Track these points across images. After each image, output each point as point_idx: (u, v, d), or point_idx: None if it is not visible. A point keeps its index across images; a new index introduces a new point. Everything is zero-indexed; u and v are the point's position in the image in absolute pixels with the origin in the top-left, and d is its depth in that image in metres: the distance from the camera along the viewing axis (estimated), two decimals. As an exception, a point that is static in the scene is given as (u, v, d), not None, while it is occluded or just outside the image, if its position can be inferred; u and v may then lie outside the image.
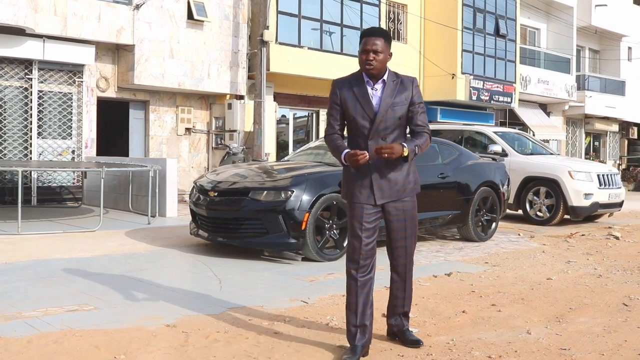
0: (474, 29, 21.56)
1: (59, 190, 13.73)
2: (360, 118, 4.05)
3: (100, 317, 4.84)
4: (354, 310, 4.08)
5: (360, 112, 4.05)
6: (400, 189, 4.14)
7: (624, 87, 29.79)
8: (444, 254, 8.37)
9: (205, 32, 15.38)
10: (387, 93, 4.05)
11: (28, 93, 13.20)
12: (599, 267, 7.63)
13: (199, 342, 4.27)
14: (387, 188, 4.10)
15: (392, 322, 4.41)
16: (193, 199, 8.18)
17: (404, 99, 4.08)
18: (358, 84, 4.09)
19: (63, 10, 12.89)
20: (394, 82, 4.09)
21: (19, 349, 4.04)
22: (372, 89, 4.07)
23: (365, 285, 4.09)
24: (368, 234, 4.07)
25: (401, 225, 4.19)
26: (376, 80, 4.07)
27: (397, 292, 4.34)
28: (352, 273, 4.09)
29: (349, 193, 4.16)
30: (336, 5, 17.69)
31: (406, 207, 4.20)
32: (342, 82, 4.16)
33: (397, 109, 4.06)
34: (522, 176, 12.37)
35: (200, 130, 16.31)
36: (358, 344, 4.04)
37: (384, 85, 4.07)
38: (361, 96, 4.05)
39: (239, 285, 6.11)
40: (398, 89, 4.08)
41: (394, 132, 4.09)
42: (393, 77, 4.11)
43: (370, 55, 3.99)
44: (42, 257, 7.28)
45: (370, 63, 4.00)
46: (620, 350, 4.35)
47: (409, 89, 4.11)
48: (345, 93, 4.10)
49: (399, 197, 4.15)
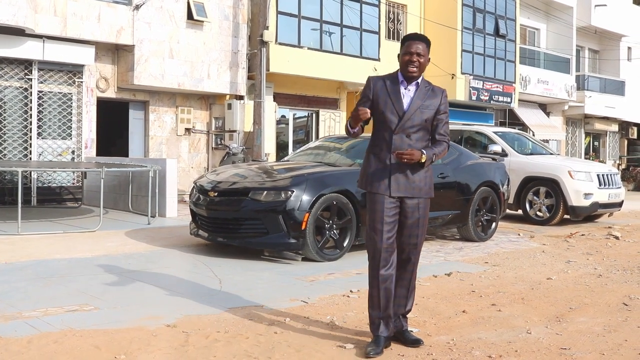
0: (473, 29, 21.57)
1: (58, 191, 13.73)
2: (389, 113, 4.23)
3: (100, 317, 4.84)
4: (376, 304, 4.22)
5: (390, 108, 4.23)
6: (416, 187, 4.26)
7: (623, 87, 29.80)
8: (443, 254, 8.37)
9: (205, 33, 15.37)
10: (419, 95, 4.26)
11: (28, 93, 13.20)
12: (599, 266, 7.63)
13: (199, 342, 4.27)
14: (404, 183, 4.23)
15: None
16: (193, 199, 8.18)
17: (433, 105, 4.29)
18: (392, 82, 4.30)
19: (63, 10, 12.89)
20: (427, 88, 4.32)
21: (19, 349, 4.04)
22: (405, 89, 4.27)
23: (386, 280, 4.23)
24: (389, 227, 4.20)
25: (415, 223, 4.28)
26: (410, 82, 4.28)
27: (401, 291, 4.39)
28: (374, 267, 4.21)
29: (367, 182, 4.31)
30: (336, 6, 17.69)
31: (421, 206, 4.30)
32: (377, 79, 4.37)
33: (425, 111, 4.26)
34: (522, 176, 12.37)
35: (200, 131, 16.31)
36: (382, 334, 4.18)
37: (417, 88, 4.28)
38: (393, 93, 4.25)
39: (239, 285, 6.11)
40: (429, 94, 4.30)
41: (419, 132, 4.26)
42: (426, 84, 4.34)
43: (414, 57, 4.21)
44: (42, 257, 7.28)
45: (414, 64, 4.21)
46: (621, 349, 4.35)
47: (438, 97, 4.33)
48: (379, 88, 4.30)
49: (414, 194, 4.25)
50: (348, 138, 9.58)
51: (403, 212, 4.27)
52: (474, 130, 13.89)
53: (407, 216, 4.27)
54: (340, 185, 7.54)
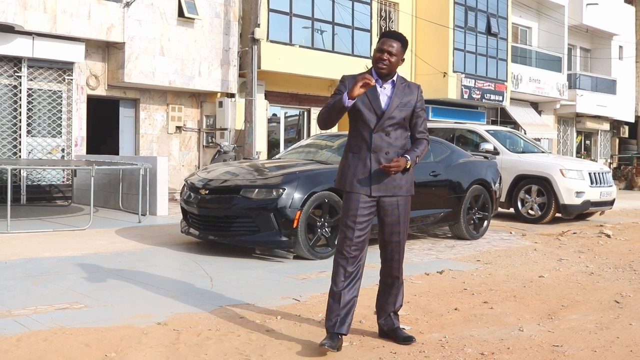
0: (465, 28, 21.59)
1: (48, 189, 13.66)
2: (368, 112, 4.16)
3: (90, 316, 4.80)
4: (337, 300, 4.11)
5: (368, 107, 4.17)
6: (397, 185, 4.21)
7: (615, 85, 29.91)
8: (435, 252, 8.37)
9: (196, 30, 15.32)
10: (397, 94, 4.21)
11: (17, 91, 13.12)
12: (590, 264, 7.64)
13: (190, 340, 4.24)
14: (385, 182, 4.17)
15: (381, 321, 4.41)
16: (184, 197, 8.14)
17: (410, 102, 4.25)
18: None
19: (52, 7, 12.81)
20: (403, 84, 4.26)
21: (9, 348, 4.00)
22: (381, 88, 4.21)
23: (351, 277, 4.13)
24: (361, 226, 4.14)
25: (395, 220, 4.24)
26: (385, 80, 4.21)
27: (390, 289, 4.36)
28: (341, 262, 4.14)
29: (346, 182, 4.25)
30: (327, 3, 17.67)
31: (400, 203, 4.25)
32: (352, 78, 4.23)
33: (403, 109, 4.21)
34: (513, 174, 12.39)
35: (191, 129, 16.26)
36: (337, 331, 4.08)
37: (393, 86, 4.22)
38: (370, 92, 4.15)
39: (231, 283, 6.08)
40: (405, 91, 4.25)
41: (397, 130, 4.22)
42: (402, 81, 4.28)
43: (385, 55, 4.14)
44: (31, 255, 7.23)
45: (383, 62, 4.14)
46: (613, 346, 4.35)
47: (414, 94, 4.28)
48: None
49: (395, 193, 4.21)
50: (340, 136, 9.57)
51: (382, 210, 4.24)
52: (466, 128, 13.90)
53: (387, 214, 4.23)
54: (331, 183, 7.46)
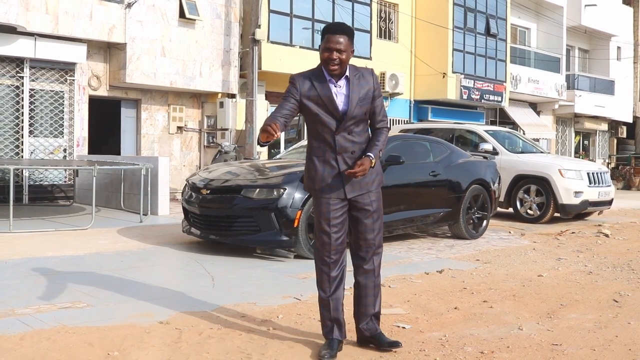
0: (464, 28, 21.63)
1: (50, 189, 13.70)
2: (327, 116, 3.96)
3: (93, 315, 4.84)
4: (328, 306, 4.08)
5: (326, 111, 3.96)
6: (369, 181, 4.06)
7: (613, 86, 29.95)
8: (435, 252, 8.41)
9: (197, 31, 15.36)
10: (353, 89, 3.97)
11: (19, 91, 13.16)
12: (589, 264, 7.68)
13: (192, 339, 4.28)
14: (357, 181, 4.02)
15: (363, 326, 4.18)
16: (185, 196, 8.18)
17: (368, 94, 4.02)
18: (320, 83, 3.97)
19: (54, 8, 12.85)
20: (356, 76, 4.00)
21: (12, 346, 4.04)
22: (336, 86, 3.98)
23: (336, 281, 4.08)
24: (337, 228, 4.02)
25: (370, 217, 4.07)
26: (339, 77, 3.98)
27: (367, 290, 4.15)
28: (323, 269, 4.08)
29: (316, 187, 4.06)
30: (328, 5, 17.71)
31: (373, 199, 4.09)
32: (303, 79, 4.01)
33: (363, 104, 4.00)
34: (512, 174, 12.43)
35: (192, 129, 16.30)
36: (335, 337, 4.07)
37: (348, 82, 3.98)
38: (325, 97, 3.94)
39: (232, 282, 6.12)
40: (361, 83, 4.00)
41: (359, 125, 4.04)
42: (354, 72, 4.02)
43: (334, 55, 3.88)
44: (34, 255, 7.26)
45: (334, 63, 3.90)
46: (611, 345, 4.39)
47: (370, 82, 4.04)
48: (306, 89, 3.98)
49: (368, 189, 4.06)
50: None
51: (355, 209, 4.07)
52: (465, 129, 13.94)
53: (361, 212, 4.07)
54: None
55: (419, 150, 9.23)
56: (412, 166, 8.72)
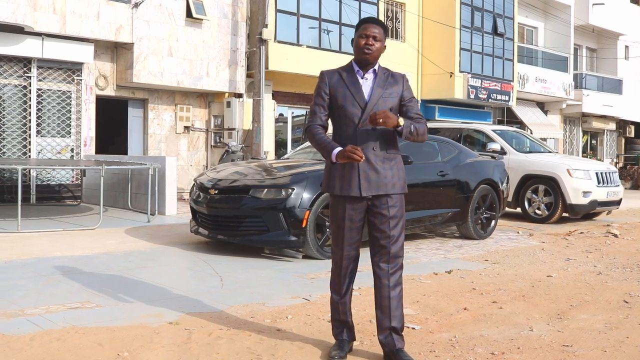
0: (472, 28, 21.59)
1: (58, 189, 13.73)
2: (351, 106, 3.92)
3: (102, 315, 4.84)
4: (341, 308, 4.06)
5: (351, 100, 3.93)
6: (388, 183, 3.91)
7: (621, 85, 29.85)
8: (443, 252, 8.39)
9: (204, 31, 15.37)
10: (379, 83, 3.96)
11: (27, 91, 13.19)
12: (598, 264, 7.65)
13: (202, 340, 4.28)
14: (375, 180, 3.88)
15: (381, 340, 3.98)
16: (193, 196, 8.18)
17: (395, 93, 3.98)
18: (348, 73, 4.01)
19: (62, 8, 12.88)
20: (385, 74, 4.02)
21: (22, 347, 4.04)
22: (363, 79, 3.98)
23: (347, 282, 4.05)
24: (351, 233, 3.96)
25: (385, 223, 3.91)
26: (366, 70, 3.99)
27: (381, 301, 3.97)
28: (337, 270, 4.05)
29: (334, 185, 3.97)
30: (335, 4, 17.69)
31: (391, 204, 3.92)
32: (331, 72, 4.08)
33: (388, 99, 3.94)
34: (520, 174, 12.40)
35: (199, 129, 16.31)
36: (345, 338, 4.06)
37: (375, 76, 3.99)
38: (352, 84, 3.96)
39: (240, 282, 6.12)
40: (389, 81, 4.00)
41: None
42: (384, 71, 4.04)
43: (370, 40, 3.94)
44: (42, 255, 7.28)
45: (369, 47, 3.93)
46: (622, 346, 4.37)
47: (399, 84, 4.02)
48: (335, 81, 4.01)
49: (387, 191, 3.90)
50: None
51: (371, 213, 3.94)
52: (473, 128, 13.91)
53: (377, 217, 3.92)
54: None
55: (427, 150, 9.21)
56: (420, 166, 8.69)
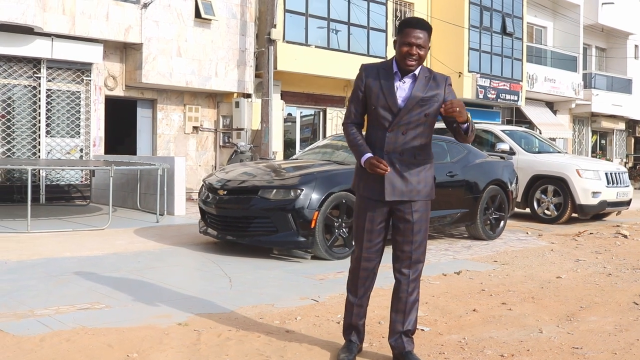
0: (480, 27, 21.53)
1: (67, 189, 13.77)
2: (382, 110, 3.79)
3: (111, 316, 4.85)
4: (355, 311, 4.03)
5: (383, 104, 3.78)
6: (413, 189, 3.83)
7: (630, 85, 29.72)
8: (452, 253, 8.37)
9: (213, 31, 15.39)
10: (418, 88, 3.76)
11: (36, 92, 13.23)
12: (608, 265, 7.61)
13: (211, 341, 4.28)
14: (400, 185, 3.80)
15: (391, 342, 3.98)
16: (202, 197, 8.19)
17: (436, 98, 3.79)
18: (386, 74, 3.82)
19: (71, 9, 12.92)
20: (427, 77, 3.81)
21: (32, 347, 4.05)
22: (400, 81, 3.80)
23: (365, 285, 4.01)
24: (371, 236, 3.90)
25: (409, 228, 3.86)
26: (406, 73, 3.79)
27: (398, 304, 3.95)
28: (356, 272, 4.00)
29: (360, 185, 3.93)
30: (343, 4, 17.68)
31: (415, 209, 3.85)
32: (370, 69, 3.90)
33: (425, 105, 3.77)
34: (529, 174, 12.36)
35: (207, 129, 16.33)
36: (354, 340, 4.04)
37: (414, 80, 3.79)
38: (386, 87, 3.78)
39: (249, 283, 6.12)
40: (430, 85, 3.79)
41: (417, 128, 3.80)
42: (426, 73, 3.83)
43: (414, 50, 3.70)
44: (52, 255, 7.30)
45: (412, 59, 3.72)
46: (633, 349, 4.35)
47: (441, 87, 3.82)
48: (371, 81, 3.84)
49: (411, 197, 3.82)
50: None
51: (395, 217, 3.88)
52: (482, 128, 13.86)
53: (401, 222, 3.87)
54: (349, 184, 7.50)
55: (435, 151, 9.02)
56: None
